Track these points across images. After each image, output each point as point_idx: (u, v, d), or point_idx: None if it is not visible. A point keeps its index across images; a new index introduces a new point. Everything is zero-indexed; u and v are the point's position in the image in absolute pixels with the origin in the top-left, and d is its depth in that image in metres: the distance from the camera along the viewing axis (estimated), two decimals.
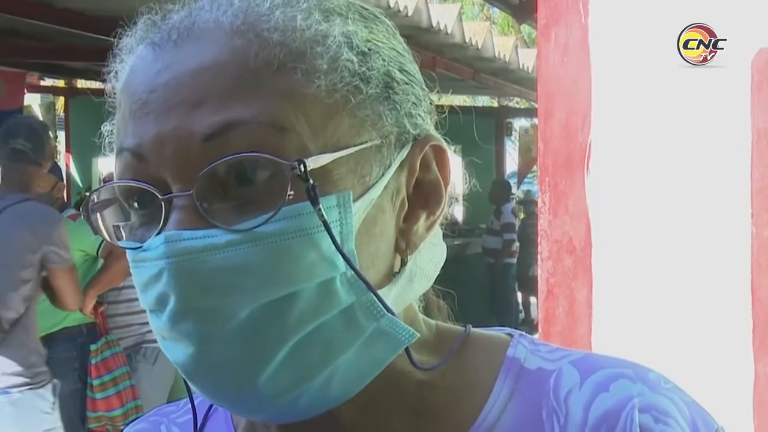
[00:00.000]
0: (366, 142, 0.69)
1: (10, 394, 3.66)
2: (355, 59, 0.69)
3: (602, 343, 1.99)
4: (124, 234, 0.71)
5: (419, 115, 0.74)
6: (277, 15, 0.68)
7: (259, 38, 0.67)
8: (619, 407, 0.70)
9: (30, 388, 3.71)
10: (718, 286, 1.93)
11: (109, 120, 0.74)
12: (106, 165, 10.59)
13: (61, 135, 11.43)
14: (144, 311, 0.71)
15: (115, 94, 0.72)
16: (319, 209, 0.64)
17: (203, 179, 0.65)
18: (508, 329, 0.82)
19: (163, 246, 0.65)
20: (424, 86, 0.76)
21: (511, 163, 15.10)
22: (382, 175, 0.70)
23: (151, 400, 4.62)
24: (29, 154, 3.82)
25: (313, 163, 0.65)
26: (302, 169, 0.64)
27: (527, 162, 13.27)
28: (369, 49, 0.71)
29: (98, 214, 0.72)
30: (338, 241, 0.65)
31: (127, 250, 0.69)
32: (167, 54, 0.68)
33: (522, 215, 11.39)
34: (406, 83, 0.73)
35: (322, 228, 0.65)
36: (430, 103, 0.77)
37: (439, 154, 0.74)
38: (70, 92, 11.09)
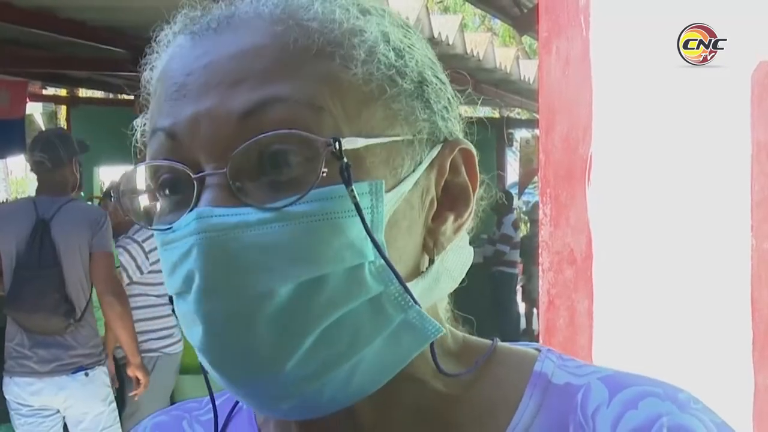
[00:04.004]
0: (398, 135, 0.70)
1: (86, 371, 4.28)
2: (391, 54, 0.70)
3: (603, 354, 1.99)
4: (153, 220, 0.71)
5: (450, 119, 0.75)
6: (316, 6, 0.69)
7: (299, 26, 0.68)
8: (647, 426, 0.70)
9: (99, 364, 4.35)
10: (718, 298, 1.93)
11: (142, 115, 0.74)
12: (107, 174, 10.60)
13: None
14: (140, 321, 0.70)
15: (150, 84, 0.73)
16: (352, 190, 0.65)
17: (237, 158, 0.65)
18: (535, 344, 0.81)
19: (195, 222, 0.65)
20: (453, 96, 0.77)
21: (512, 173, 15.10)
22: (413, 170, 0.70)
23: (149, 409, 4.61)
24: (46, 163, 4.33)
25: (348, 144, 0.65)
26: (337, 146, 0.64)
27: (528, 173, 13.26)
28: (403, 48, 0.72)
29: (128, 197, 0.72)
30: (369, 227, 0.66)
31: (156, 235, 0.69)
32: (206, 41, 0.69)
33: (524, 227, 11.40)
34: (439, 87, 0.74)
35: (354, 213, 0.65)
36: (459, 115, 0.78)
37: (468, 158, 0.75)
38: (71, 101, 11.11)
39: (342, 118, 0.66)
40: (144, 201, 0.72)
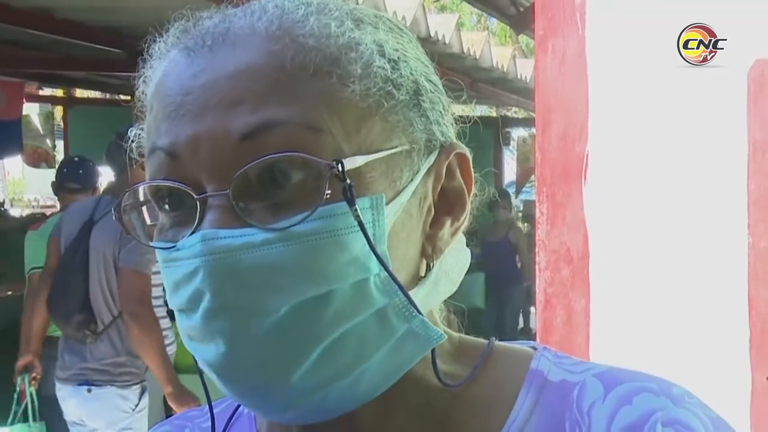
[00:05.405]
0: (397, 146, 0.70)
1: (90, 387, 3.95)
2: (387, 66, 0.71)
3: (600, 353, 1.99)
4: (154, 235, 0.72)
5: (445, 123, 0.76)
6: (311, 21, 0.69)
7: (295, 43, 0.68)
8: (642, 421, 0.70)
9: (112, 385, 3.96)
10: (715, 296, 1.93)
11: (136, 125, 0.74)
12: (105, 175, 10.58)
13: (60, 144, 11.44)
14: None
15: (145, 97, 0.73)
16: (355, 209, 0.66)
17: (240, 179, 0.65)
18: (532, 342, 0.82)
19: (200, 244, 0.65)
20: (446, 97, 0.78)
21: (509, 172, 15.09)
22: (411, 180, 0.71)
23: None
24: (110, 168, 4.21)
25: (349, 163, 0.66)
26: (340, 168, 0.65)
27: (525, 171, 13.26)
28: (398, 58, 0.72)
29: (130, 216, 0.73)
30: (372, 242, 0.67)
31: (157, 251, 0.70)
32: (202, 59, 0.69)
33: (521, 226, 11.38)
34: (433, 92, 0.75)
35: (357, 229, 0.66)
36: (452, 114, 0.78)
37: (463, 161, 0.76)
38: (68, 101, 11.12)
39: (342, 137, 0.67)
40: (144, 218, 0.73)
